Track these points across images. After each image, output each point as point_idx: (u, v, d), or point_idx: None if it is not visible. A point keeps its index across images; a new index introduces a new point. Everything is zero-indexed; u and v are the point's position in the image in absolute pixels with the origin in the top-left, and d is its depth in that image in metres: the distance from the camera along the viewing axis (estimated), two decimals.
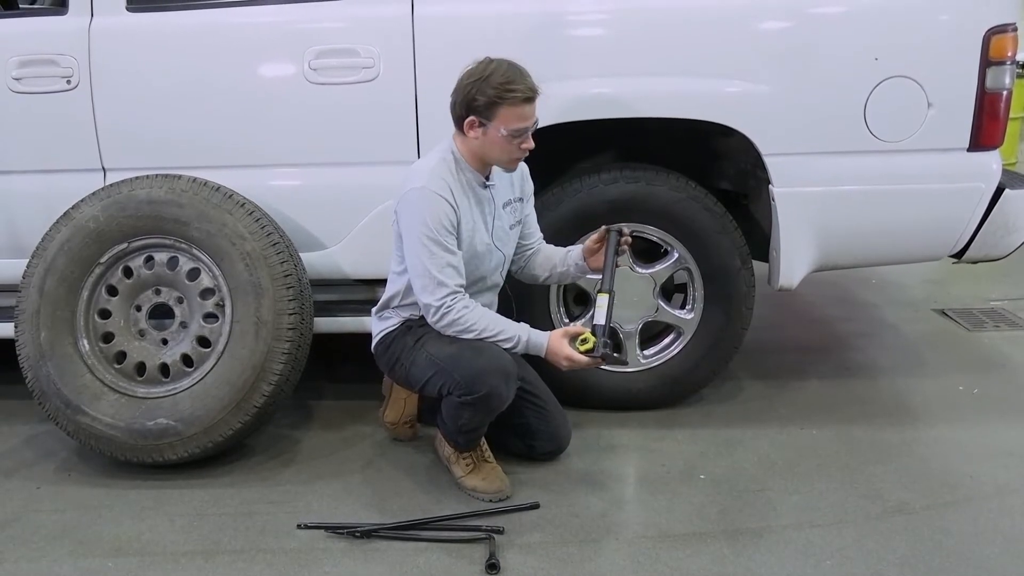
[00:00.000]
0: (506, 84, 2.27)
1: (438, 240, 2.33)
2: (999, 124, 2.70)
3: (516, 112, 2.29)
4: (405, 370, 2.50)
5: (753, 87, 2.66)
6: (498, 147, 2.35)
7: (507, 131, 2.31)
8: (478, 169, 2.43)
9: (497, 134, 2.31)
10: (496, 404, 2.38)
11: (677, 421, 2.92)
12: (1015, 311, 4.00)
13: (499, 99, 2.27)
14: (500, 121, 2.30)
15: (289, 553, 2.24)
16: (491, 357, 2.35)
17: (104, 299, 2.70)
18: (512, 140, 2.33)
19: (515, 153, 2.38)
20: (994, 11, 2.63)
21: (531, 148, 2.38)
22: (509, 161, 2.41)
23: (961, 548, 2.19)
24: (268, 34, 2.82)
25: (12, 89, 2.80)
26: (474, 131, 2.34)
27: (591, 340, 2.33)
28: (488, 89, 2.27)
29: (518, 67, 2.31)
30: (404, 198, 2.39)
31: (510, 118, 2.30)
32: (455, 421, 2.43)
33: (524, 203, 2.60)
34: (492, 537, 2.26)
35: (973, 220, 2.77)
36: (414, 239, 2.35)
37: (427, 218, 2.32)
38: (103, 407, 2.59)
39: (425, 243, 2.33)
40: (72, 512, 2.46)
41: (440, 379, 2.39)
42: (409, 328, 2.51)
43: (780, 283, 2.82)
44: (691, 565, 2.15)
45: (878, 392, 3.15)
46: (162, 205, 2.64)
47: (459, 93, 2.33)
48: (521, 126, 2.32)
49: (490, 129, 2.32)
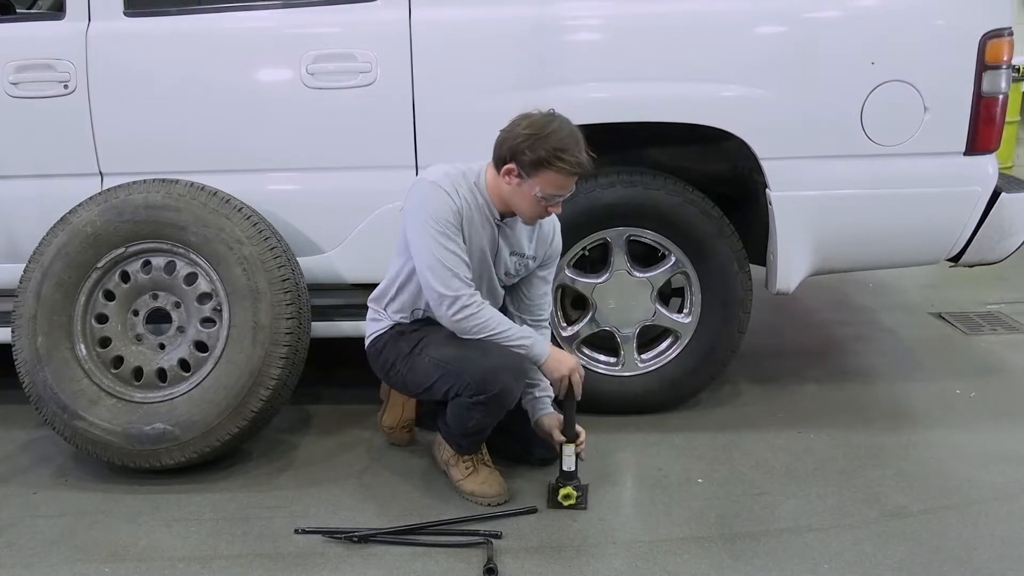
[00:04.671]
0: (560, 152, 2.22)
1: (446, 233, 2.30)
2: (995, 128, 2.71)
3: (558, 181, 2.26)
4: (402, 376, 2.49)
5: (750, 91, 2.67)
6: (527, 203, 2.32)
7: (542, 194, 2.28)
8: (498, 207, 2.39)
9: (531, 191, 2.28)
10: (508, 402, 2.36)
11: (674, 425, 2.92)
12: (1012, 315, 4.01)
13: (547, 164, 2.23)
14: (539, 182, 2.26)
15: (287, 558, 2.24)
16: (499, 355, 2.33)
17: (101, 304, 2.69)
18: (542, 202, 2.30)
19: (540, 213, 2.35)
20: (990, 15, 2.64)
21: (558, 213, 2.37)
22: (531, 217, 2.38)
23: (958, 552, 2.19)
24: (265, 39, 2.83)
25: (9, 94, 2.80)
26: (509, 178, 2.29)
27: (573, 494, 2.40)
28: (540, 150, 2.22)
29: (577, 134, 2.25)
30: (414, 187, 2.35)
31: (550, 184, 2.26)
32: (463, 423, 2.41)
33: (535, 263, 2.54)
34: (490, 542, 2.25)
35: (970, 224, 2.78)
36: (422, 231, 2.31)
37: (434, 212, 2.29)
38: (100, 412, 2.58)
39: (433, 235, 2.29)
40: (69, 517, 2.45)
41: (447, 382, 2.37)
42: (401, 334, 2.50)
43: (777, 287, 2.82)
44: (689, 569, 2.15)
45: (875, 396, 3.15)
46: (159, 210, 2.64)
47: (510, 140, 2.26)
48: (558, 193, 2.30)
49: (526, 185, 2.28)
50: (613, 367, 2.97)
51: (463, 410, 2.38)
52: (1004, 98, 2.70)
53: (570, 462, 2.42)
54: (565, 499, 2.40)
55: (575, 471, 2.43)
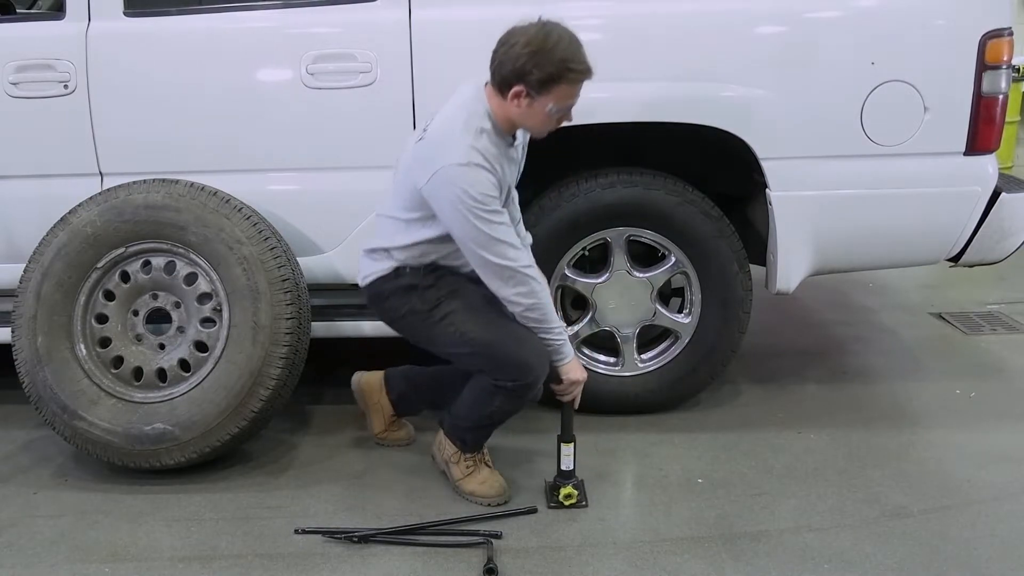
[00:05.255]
0: (568, 63, 2.13)
1: (493, 210, 2.21)
2: (995, 128, 2.71)
3: (571, 91, 2.18)
4: (413, 330, 2.43)
5: (750, 91, 2.67)
6: (539, 120, 2.23)
7: (556, 108, 2.20)
8: (507, 131, 2.30)
9: (543, 109, 2.19)
10: (534, 396, 2.35)
11: (674, 425, 2.92)
12: (1012, 315, 4.01)
13: (558, 78, 2.14)
14: (551, 98, 2.17)
15: (286, 558, 2.24)
16: (533, 346, 2.31)
17: (101, 304, 2.69)
18: (554, 115, 2.23)
19: (552, 126, 2.28)
20: (990, 15, 2.64)
21: (569, 122, 2.28)
22: (542, 132, 2.31)
23: (958, 552, 2.19)
24: (266, 39, 2.82)
25: (9, 94, 2.80)
26: (518, 101, 2.19)
27: (574, 494, 2.42)
28: (548, 66, 2.12)
29: (575, 38, 2.17)
30: (443, 174, 2.19)
31: (563, 96, 2.18)
32: (482, 409, 2.38)
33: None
34: (490, 542, 2.25)
35: (970, 224, 2.78)
36: (464, 216, 2.19)
37: (475, 194, 2.17)
38: (100, 412, 2.58)
39: (481, 216, 2.19)
40: (69, 517, 2.45)
41: (479, 361, 2.33)
42: (412, 288, 2.38)
43: (777, 287, 2.82)
44: (689, 569, 2.15)
45: (875, 396, 3.15)
46: (159, 210, 2.64)
47: (512, 61, 2.15)
48: (570, 104, 2.22)
49: (537, 103, 2.18)
50: (613, 367, 2.97)
51: (486, 395, 2.35)
52: (1004, 98, 2.70)
53: (568, 461, 2.43)
54: (567, 499, 2.41)
55: (573, 470, 2.44)
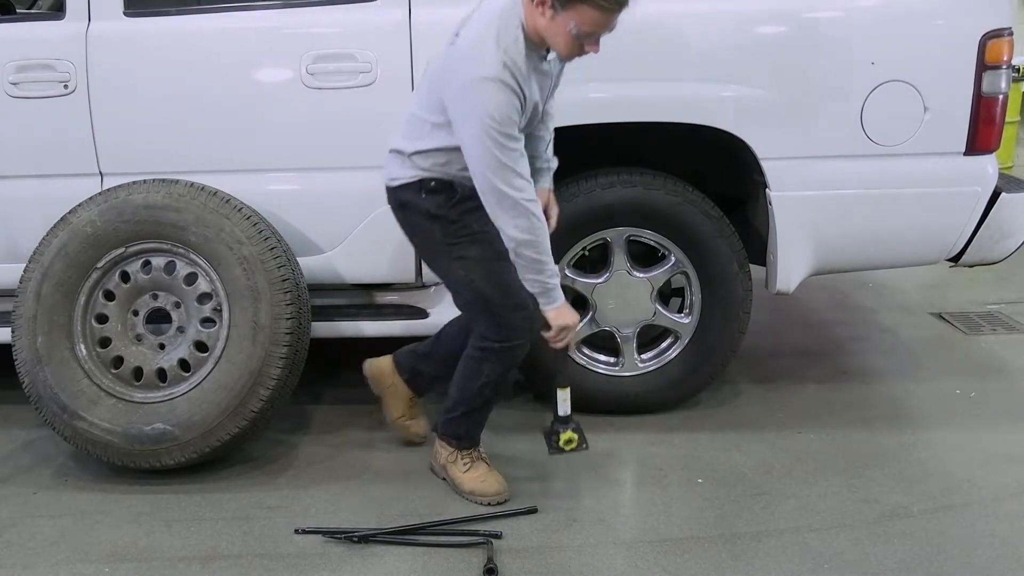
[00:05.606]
0: None
1: (508, 132, 2.13)
2: (995, 128, 2.71)
3: (596, 18, 2.06)
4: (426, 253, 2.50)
5: (750, 91, 2.67)
6: (562, 38, 2.12)
7: (577, 31, 2.08)
8: (538, 45, 2.18)
9: (565, 26, 2.08)
10: (520, 355, 2.39)
11: (674, 425, 2.92)
12: (1012, 315, 4.01)
13: None
14: (574, 16, 2.06)
15: (286, 558, 2.24)
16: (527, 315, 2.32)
17: (101, 304, 2.69)
18: (577, 40, 2.11)
19: (577, 52, 2.16)
20: (990, 16, 2.64)
21: (596, 53, 2.16)
22: (568, 55, 2.20)
23: (958, 552, 2.19)
24: (266, 39, 2.82)
25: (9, 94, 2.80)
26: (543, 9, 2.08)
27: (574, 438, 2.45)
28: None
29: None
30: (468, 86, 2.12)
31: (586, 20, 2.06)
32: (473, 382, 2.41)
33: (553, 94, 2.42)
34: (490, 542, 2.25)
35: (970, 224, 2.78)
36: (479, 133, 2.12)
37: (495, 112, 2.10)
38: (100, 412, 2.58)
39: (495, 137, 2.11)
40: (69, 517, 2.45)
41: (472, 311, 2.38)
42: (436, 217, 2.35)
43: (777, 287, 2.82)
44: (689, 569, 2.15)
45: (875, 396, 3.15)
46: (159, 210, 2.64)
47: None
48: (594, 31, 2.10)
49: (560, 18, 2.07)
50: (613, 367, 2.97)
51: (475, 363, 2.39)
52: (1004, 98, 2.70)
53: (565, 407, 2.45)
54: (567, 444, 2.42)
55: (570, 415, 2.46)
